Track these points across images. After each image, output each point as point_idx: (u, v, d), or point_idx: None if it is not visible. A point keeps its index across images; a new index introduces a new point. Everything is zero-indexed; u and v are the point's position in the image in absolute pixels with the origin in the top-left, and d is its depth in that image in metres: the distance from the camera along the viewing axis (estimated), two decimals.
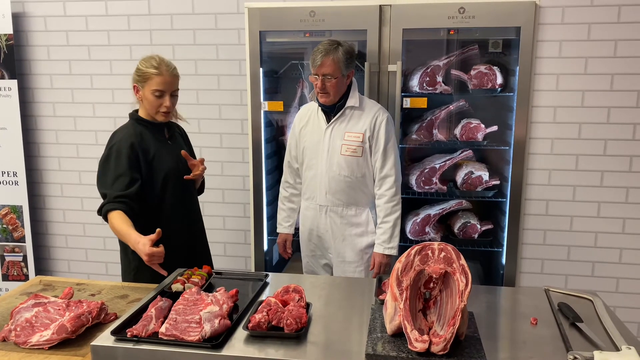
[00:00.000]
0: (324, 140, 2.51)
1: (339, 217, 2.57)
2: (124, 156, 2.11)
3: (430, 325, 1.50)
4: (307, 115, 2.61)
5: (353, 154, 2.48)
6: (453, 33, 2.91)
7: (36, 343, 1.58)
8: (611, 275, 2.96)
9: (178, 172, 2.25)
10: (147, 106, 2.19)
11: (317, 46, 2.41)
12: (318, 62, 2.37)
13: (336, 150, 2.50)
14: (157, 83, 2.13)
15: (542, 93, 2.83)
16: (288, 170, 2.71)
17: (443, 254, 1.50)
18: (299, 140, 2.62)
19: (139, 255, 1.93)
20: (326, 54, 2.35)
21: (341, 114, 2.49)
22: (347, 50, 2.41)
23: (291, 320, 1.54)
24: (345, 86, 2.46)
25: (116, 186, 2.08)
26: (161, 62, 2.16)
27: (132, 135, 2.17)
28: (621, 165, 2.85)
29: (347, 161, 2.49)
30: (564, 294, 1.91)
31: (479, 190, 2.93)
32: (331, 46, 2.38)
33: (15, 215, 3.49)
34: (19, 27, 3.36)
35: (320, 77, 2.38)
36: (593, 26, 2.75)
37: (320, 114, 2.54)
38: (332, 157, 2.50)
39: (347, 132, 2.49)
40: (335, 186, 2.52)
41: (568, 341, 1.53)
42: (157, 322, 1.57)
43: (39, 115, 3.47)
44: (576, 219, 2.93)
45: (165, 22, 3.21)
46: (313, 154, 2.55)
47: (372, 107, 2.52)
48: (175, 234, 2.27)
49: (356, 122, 2.49)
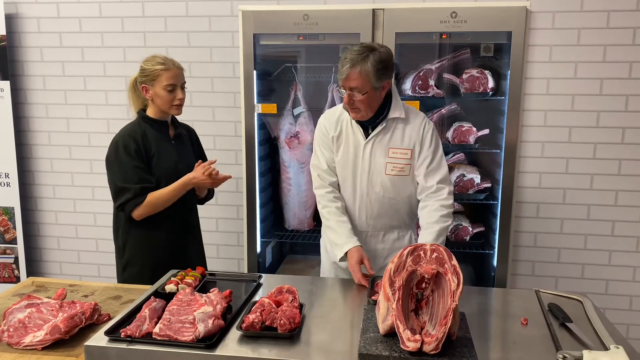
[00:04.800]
0: (363, 157, 2.16)
1: (380, 242, 2.25)
2: (132, 151, 2.19)
3: (422, 325, 1.52)
4: (338, 124, 2.20)
5: (400, 173, 2.15)
6: (445, 37, 2.93)
7: (29, 344, 1.58)
8: (600, 277, 2.99)
9: (177, 173, 2.27)
10: (160, 103, 2.23)
11: (345, 52, 2.04)
12: (344, 75, 2.00)
13: (379, 169, 2.15)
14: (168, 78, 2.19)
15: (533, 97, 2.87)
16: (326, 181, 2.24)
17: (435, 254, 1.51)
18: (334, 152, 2.22)
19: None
20: (352, 65, 1.98)
21: (383, 127, 2.14)
22: (380, 59, 2.00)
23: (285, 320, 1.55)
24: (380, 99, 2.09)
25: (135, 179, 2.17)
26: (165, 58, 2.24)
27: (136, 131, 2.24)
28: (610, 168, 2.88)
29: (392, 181, 2.16)
30: (554, 295, 1.93)
31: (470, 193, 2.96)
32: (360, 55, 1.99)
33: (6, 217, 3.48)
34: (11, 29, 3.35)
35: (347, 91, 2.03)
36: (583, 31, 2.79)
37: (355, 124, 2.16)
38: (373, 177, 2.16)
39: (391, 147, 2.14)
40: (378, 210, 2.20)
41: (558, 341, 1.55)
42: (150, 322, 1.58)
43: (32, 117, 3.46)
44: (566, 221, 2.96)
45: (159, 24, 3.21)
46: (348, 172, 2.20)
47: (417, 117, 2.18)
48: (171, 234, 2.30)
49: (401, 135, 2.15)
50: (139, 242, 2.28)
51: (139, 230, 2.27)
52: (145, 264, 2.28)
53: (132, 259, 2.30)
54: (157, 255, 2.28)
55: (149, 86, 2.23)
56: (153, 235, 2.27)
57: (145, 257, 2.29)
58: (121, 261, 2.33)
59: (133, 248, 2.29)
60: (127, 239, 2.30)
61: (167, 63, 2.22)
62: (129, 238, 2.29)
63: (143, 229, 2.26)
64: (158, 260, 2.27)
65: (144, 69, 2.23)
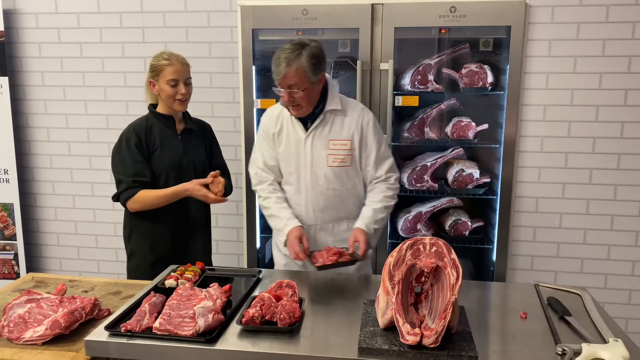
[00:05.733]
0: (304, 152, 2.20)
1: (330, 235, 2.28)
2: (133, 143, 2.24)
3: (421, 318, 1.52)
4: (278, 121, 2.26)
5: (342, 164, 2.20)
6: (444, 32, 2.93)
7: (29, 339, 1.58)
8: (600, 271, 3.00)
9: (180, 167, 2.30)
10: (164, 97, 2.28)
11: (278, 52, 2.09)
12: (281, 75, 2.05)
13: (321, 161, 2.20)
14: (170, 73, 2.24)
15: (532, 92, 2.86)
16: (265, 179, 2.31)
17: (434, 248, 1.52)
18: (274, 149, 2.28)
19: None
20: (288, 64, 2.03)
21: (321, 119, 2.20)
22: (313, 54, 2.07)
23: (284, 314, 1.55)
24: (318, 93, 2.15)
25: (131, 172, 2.22)
26: (171, 54, 2.29)
27: (141, 125, 2.30)
28: (610, 162, 2.88)
29: (335, 173, 2.21)
30: (553, 288, 1.93)
31: (469, 188, 2.96)
32: (293, 52, 2.05)
33: (6, 213, 3.48)
34: (9, 24, 3.34)
35: (286, 90, 2.08)
36: (582, 25, 2.78)
37: (295, 120, 2.22)
38: (316, 170, 2.21)
39: (331, 139, 2.19)
40: (324, 202, 2.24)
41: (557, 334, 1.56)
42: (150, 317, 1.58)
43: (30, 113, 3.45)
44: (565, 216, 2.96)
45: (158, 19, 3.20)
46: (291, 167, 2.25)
47: (355, 108, 2.24)
48: (175, 228, 2.34)
49: (340, 126, 2.20)
50: (143, 234, 2.34)
51: (143, 222, 2.32)
52: (147, 255, 2.33)
53: (136, 249, 2.36)
54: (160, 247, 2.33)
55: (155, 81, 2.29)
56: (156, 227, 2.31)
57: (148, 248, 2.34)
58: (127, 251, 2.40)
59: (137, 239, 2.35)
60: (132, 229, 2.36)
61: (171, 58, 2.26)
62: (134, 229, 2.35)
63: (147, 221, 2.31)
64: (161, 252, 2.32)
65: (151, 64, 2.30)
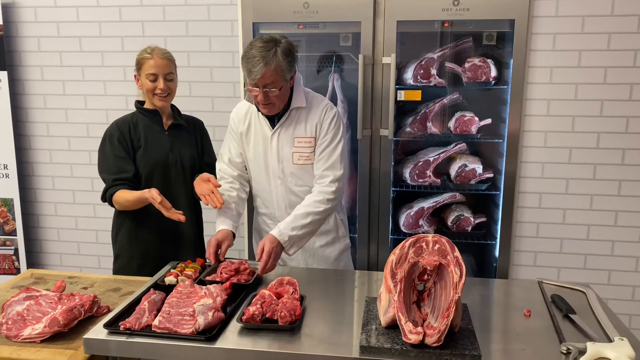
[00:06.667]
0: (271, 149, 2.19)
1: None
2: (115, 139, 2.22)
3: (424, 317, 1.50)
4: (246, 118, 2.24)
5: (307, 161, 2.18)
6: (447, 25, 2.89)
7: (28, 336, 1.57)
8: (603, 267, 2.97)
9: (166, 163, 2.26)
10: (145, 92, 2.26)
11: (249, 50, 2.00)
12: (258, 75, 1.96)
13: (287, 158, 2.19)
14: (150, 66, 2.21)
15: (536, 86, 2.83)
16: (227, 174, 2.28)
17: (437, 246, 1.49)
18: (242, 148, 2.27)
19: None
20: (266, 63, 1.95)
21: (287, 117, 2.17)
22: (286, 50, 2.01)
23: (285, 312, 1.54)
24: (289, 90, 2.13)
25: (114, 169, 2.19)
26: (155, 48, 2.25)
27: (126, 121, 2.28)
28: (614, 158, 2.85)
29: (301, 171, 2.20)
30: (557, 285, 1.92)
31: (472, 183, 2.94)
32: (269, 50, 1.97)
33: (6, 208, 3.46)
34: (8, 18, 3.31)
35: (261, 89, 2.01)
36: (587, 19, 2.75)
37: (262, 117, 2.19)
38: (284, 167, 2.20)
39: (296, 137, 2.17)
40: (295, 199, 2.21)
41: (561, 332, 1.54)
42: (150, 315, 1.57)
43: (30, 108, 3.43)
44: (569, 211, 2.93)
45: (158, 13, 3.17)
46: (260, 166, 2.23)
47: (319, 105, 2.20)
48: (159, 229, 2.28)
49: (304, 124, 2.17)
50: (128, 234, 2.29)
51: (128, 222, 2.28)
52: (133, 257, 2.29)
53: (121, 251, 2.32)
54: (145, 248, 2.28)
55: (138, 75, 2.27)
56: (141, 228, 2.27)
57: (133, 249, 2.29)
58: (114, 252, 2.36)
59: (123, 240, 2.31)
60: (119, 230, 2.32)
61: (153, 52, 2.22)
62: (120, 229, 2.31)
63: (132, 221, 2.27)
64: (146, 253, 2.27)
65: (136, 58, 2.27)
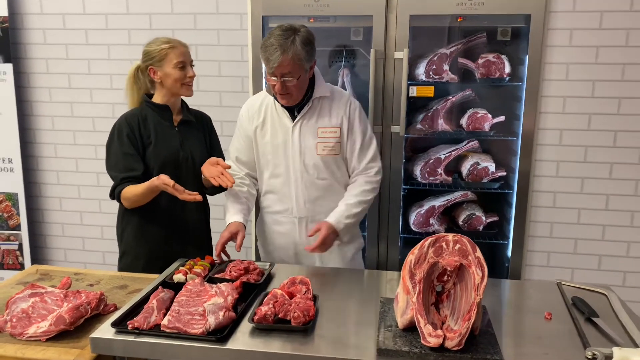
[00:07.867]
0: (292, 141, 2.14)
1: None
2: (124, 135, 2.14)
3: (443, 319, 1.45)
4: (261, 111, 2.19)
5: (332, 152, 2.14)
6: (461, 20, 2.83)
7: (33, 334, 1.53)
8: (618, 269, 2.91)
9: (177, 160, 2.20)
10: (171, 83, 2.15)
11: (267, 38, 1.99)
12: (275, 63, 1.94)
13: (310, 150, 2.13)
14: (177, 55, 2.13)
15: (552, 83, 2.77)
16: (235, 171, 2.27)
17: (458, 246, 1.44)
18: (255, 143, 2.22)
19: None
20: (284, 51, 1.93)
21: (309, 107, 2.13)
22: (306, 40, 1.98)
23: (298, 312, 1.49)
24: (308, 80, 2.09)
25: (122, 167, 2.12)
26: (169, 39, 2.18)
27: (135, 116, 2.19)
28: (631, 157, 2.79)
29: (325, 162, 2.14)
30: (576, 287, 1.86)
31: (484, 182, 2.88)
32: (287, 39, 1.95)
33: (10, 202, 3.42)
34: (14, 10, 3.26)
35: (279, 78, 1.99)
36: (605, 14, 2.68)
37: (280, 108, 2.14)
38: (306, 159, 2.14)
39: (320, 127, 2.12)
40: (315, 193, 2.17)
41: (585, 337, 1.48)
42: (158, 314, 1.52)
43: (35, 101, 3.38)
44: (584, 211, 2.88)
45: (165, 5, 3.12)
46: (279, 159, 2.17)
47: (342, 96, 2.18)
48: (165, 227, 2.23)
49: (328, 114, 2.13)
50: (133, 232, 2.24)
51: (134, 220, 2.22)
52: (139, 255, 2.23)
53: (127, 248, 2.26)
54: (150, 247, 2.22)
55: (156, 68, 2.15)
56: (146, 226, 2.21)
57: (138, 247, 2.23)
58: (119, 250, 2.30)
59: (129, 237, 2.25)
60: (124, 227, 2.26)
61: (173, 42, 2.16)
62: (126, 227, 2.25)
63: (138, 219, 2.21)
64: (151, 251, 2.22)
65: (149, 51, 2.16)
